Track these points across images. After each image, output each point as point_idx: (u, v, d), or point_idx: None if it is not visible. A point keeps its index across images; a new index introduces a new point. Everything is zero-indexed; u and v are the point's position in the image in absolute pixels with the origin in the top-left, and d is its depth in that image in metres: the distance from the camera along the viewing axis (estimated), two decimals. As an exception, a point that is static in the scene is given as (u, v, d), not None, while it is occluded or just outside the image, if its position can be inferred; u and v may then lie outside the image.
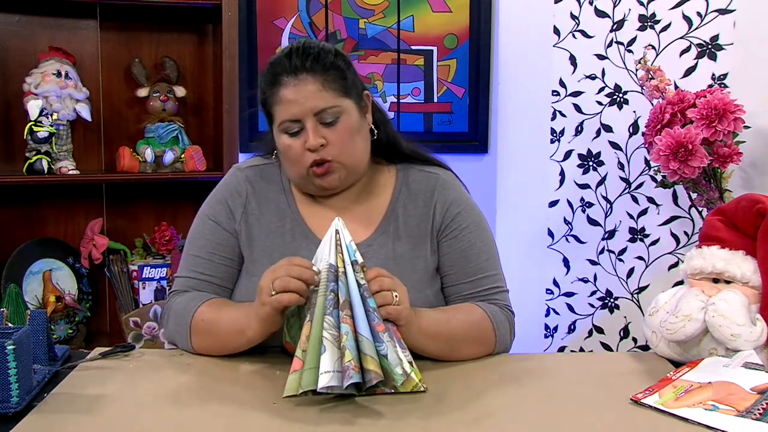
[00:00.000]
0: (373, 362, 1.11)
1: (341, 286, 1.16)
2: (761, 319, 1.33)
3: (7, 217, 2.41)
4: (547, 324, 2.55)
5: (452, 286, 1.46)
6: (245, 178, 1.48)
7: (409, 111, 2.69)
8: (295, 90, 1.34)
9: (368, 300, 1.17)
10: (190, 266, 1.44)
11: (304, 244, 1.41)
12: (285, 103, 1.35)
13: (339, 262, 1.18)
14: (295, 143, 1.36)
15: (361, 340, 1.12)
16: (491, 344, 1.40)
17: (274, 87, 1.36)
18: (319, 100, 1.34)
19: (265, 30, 2.57)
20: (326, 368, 1.10)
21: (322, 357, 1.11)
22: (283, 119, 1.36)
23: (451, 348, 1.34)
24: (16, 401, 1.11)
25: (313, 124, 1.34)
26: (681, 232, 2.29)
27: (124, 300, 2.44)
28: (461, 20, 2.67)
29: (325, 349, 1.12)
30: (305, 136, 1.35)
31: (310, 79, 1.34)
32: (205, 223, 1.46)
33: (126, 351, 1.39)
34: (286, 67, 1.35)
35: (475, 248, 1.46)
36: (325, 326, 1.13)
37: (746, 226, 1.40)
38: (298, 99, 1.34)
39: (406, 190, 1.48)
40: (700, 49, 2.19)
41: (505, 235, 2.60)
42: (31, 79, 2.29)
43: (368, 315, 1.15)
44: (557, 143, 2.47)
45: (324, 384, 1.09)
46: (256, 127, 2.58)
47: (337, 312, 1.14)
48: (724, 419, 1.10)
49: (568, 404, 1.19)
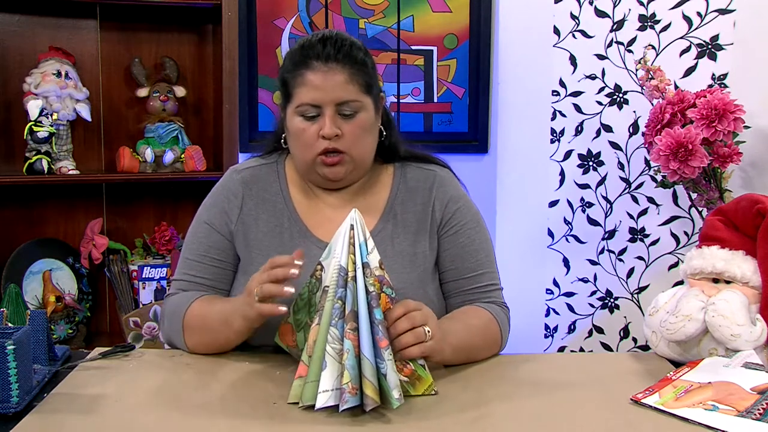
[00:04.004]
0: (372, 387, 1.09)
1: (349, 294, 1.13)
2: (761, 319, 1.33)
3: (7, 217, 2.41)
4: (547, 324, 2.55)
5: (451, 282, 1.47)
6: (241, 179, 1.49)
7: (409, 111, 2.69)
8: (323, 76, 1.35)
9: (375, 311, 1.13)
10: (184, 269, 1.46)
11: (302, 243, 1.42)
12: (309, 87, 1.36)
13: (350, 265, 1.14)
14: (309, 128, 1.38)
15: (363, 360, 1.10)
16: (498, 345, 1.43)
17: (300, 68, 1.37)
18: (343, 91, 1.36)
19: (265, 30, 2.57)
20: (325, 387, 1.10)
21: (323, 374, 1.10)
22: (303, 102, 1.37)
23: (469, 356, 1.35)
24: (16, 401, 1.11)
25: (332, 113, 1.36)
26: (681, 232, 2.29)
27: (124, 300, 2.44)
28: (461, 20, 2.67)
29: (326, 365, 1.11)
30: (321, 122, 1.36)
31: (339, 70, 1.36)
32: (200, 226, 1.48)
33: (126, 351, 1.39)
34: (318, 53, 1.36)
35: (475, 244, 1.47)
36: (329, 339, 1.12)
37: (746, 226, 1.40)
38: (324, 86, 1.35)
39: (404, 187, 1.49)
40: (700, 49, 2.19)
41: (505, 235, 2.60)
42: (31, 79, 2.29)
43: (373, 328, 1.12)
44: (557, 143, 2.47)
45: (321, 404, 1.09)
46: (256, 127, 2.58)
47: (342, 324, 1.12)
48: (724, 419, 1.10)
49: (568, 404, 1.19)
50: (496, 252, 1.54)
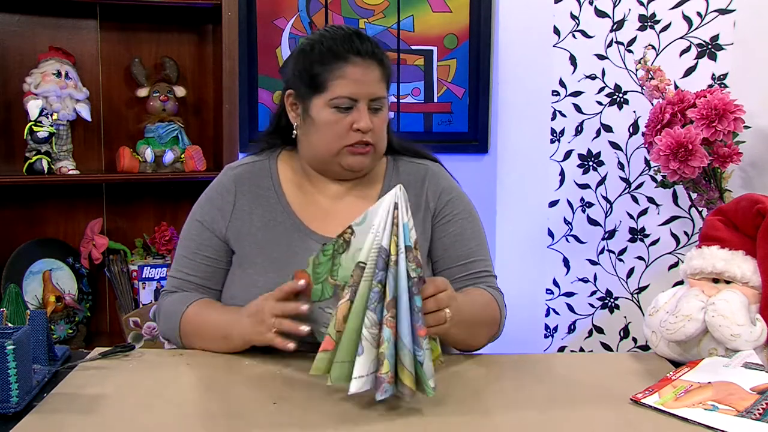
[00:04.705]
0: (410, 377, 1.08)
1: (390, 279, 1.08)
2: (761, 319, 1.33)
3: (7, 217, 2.40)
4: (547, 324, 2.55)
5: (445, 270, 1.49)
6: (234, 176, 1.51)
7: (409, 111, 2.69)
8: (363, 71, 1.40)
9: (415, 297, 1.09)
10: (178, 266, 1.50)
11: (296, 236, 1.45)
12: (349, 80, 1.39)
13: (392, 247, 1.09)
14: (343, 120, 1.41)
15: (402, 348, 1.08)
16: (497, 325, 1.45)
17: (339, 61, 1.40)
18: (378, 87, 1.42)
19: (265, 30, 2.57)
20: (360, 372, 1.08)
21: (359, 359, 1.08)
22: (340, 94, 1.40)
23: (470, 331, 1.36)
24: (16, 401, 1.11)
25: (365, 107, 1.40)
26: (681, 232, 2.29)
27: (124, 300, 2.44)
28: (461, 20, 2.67)
29: (362, 350, 1.08)
30: (355, 116, 1.40)
31: (376, 66, 1.42)
32: (192, 224, 1.51)
33: (126, 351, 1.39)
34: (356, 48, 1.40)
35: (467, 233, 1.50)
36: (366, 323, 1.08)
37: (746, 226, 1.40)
38: (364, 80, 1.40)
39: (396, 179, 1.51)
40: (700, 49, 2.19)
41: (505, 235, 2.60)
42: (31, 79, 2.29)
43: (412, 316, 1.09)
44: (557, 143, 2.47)
45: (355, 390, 1.07)
46: (256, 127, 2.58)
47: (382, 308, 1.08)
48: (724, 419, 1.10)
49: (568, 404, 1.19)
50: (497, 252, 1.55)
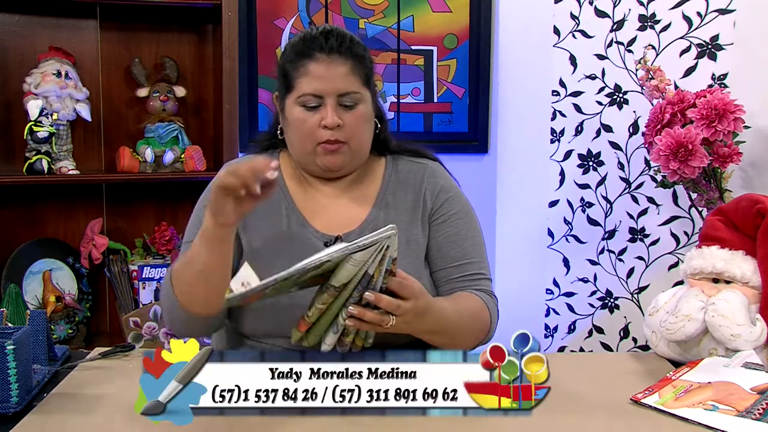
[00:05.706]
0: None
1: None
2: (761, 319, 1.34)
3: (7, 217, 2.40)
4: (547, 324, 2.55)
5: (439, 271, 1.48)
6: None
7: (409, 111, 2.69)
8: (326, 67, 1.38)
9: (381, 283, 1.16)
10: (182, 253, 1.45)
11: (299, 231, 1.44)
12: (312, 77, 1.38)
13: (376, 273, 1.15)
14: (310, 118, 1.39)
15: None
16: (486, 333, 1.43)
17: (303, 59, 1.39)
18: (345, 83, 1.39)
19: (265, 30, 2.57)
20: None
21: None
22: (305, 92, 1.39)
23: (453, 339, 1.34)
24: (16, 401, 1.11)
25: (333, 104, 1.39)
26: (681, 232, 2.29)
27: (124, 300, 2.44)
28: (461, 20, 2.67)
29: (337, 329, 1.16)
30: (323, 113, 1.39)
31: (342, 61, 1.39)
32: (201, 211, 1.46)
33: (126, 351, 1.39)
34: (321, 45, 1.39)
35: (462, 233, 1.49)
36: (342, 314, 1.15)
37: (746, 226, 1.40)
38: (327, 76, 1.38)
39: (395, 178, 1.51)
40: (700, 49, 2.19)
41: (505, 235, 2.60)
42: (31, 79, 2.29)
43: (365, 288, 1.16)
44: (557, 143, 2.47)
45: None
46: (256, 127, 2.57)
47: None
48: (724, 419, 1.10)
49: (568, 404, 1.19)
50: (496, 252, 1.54)
